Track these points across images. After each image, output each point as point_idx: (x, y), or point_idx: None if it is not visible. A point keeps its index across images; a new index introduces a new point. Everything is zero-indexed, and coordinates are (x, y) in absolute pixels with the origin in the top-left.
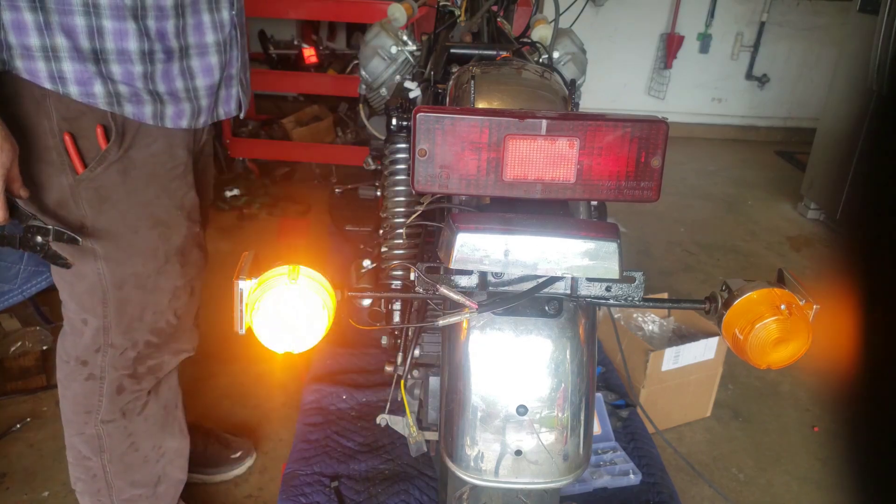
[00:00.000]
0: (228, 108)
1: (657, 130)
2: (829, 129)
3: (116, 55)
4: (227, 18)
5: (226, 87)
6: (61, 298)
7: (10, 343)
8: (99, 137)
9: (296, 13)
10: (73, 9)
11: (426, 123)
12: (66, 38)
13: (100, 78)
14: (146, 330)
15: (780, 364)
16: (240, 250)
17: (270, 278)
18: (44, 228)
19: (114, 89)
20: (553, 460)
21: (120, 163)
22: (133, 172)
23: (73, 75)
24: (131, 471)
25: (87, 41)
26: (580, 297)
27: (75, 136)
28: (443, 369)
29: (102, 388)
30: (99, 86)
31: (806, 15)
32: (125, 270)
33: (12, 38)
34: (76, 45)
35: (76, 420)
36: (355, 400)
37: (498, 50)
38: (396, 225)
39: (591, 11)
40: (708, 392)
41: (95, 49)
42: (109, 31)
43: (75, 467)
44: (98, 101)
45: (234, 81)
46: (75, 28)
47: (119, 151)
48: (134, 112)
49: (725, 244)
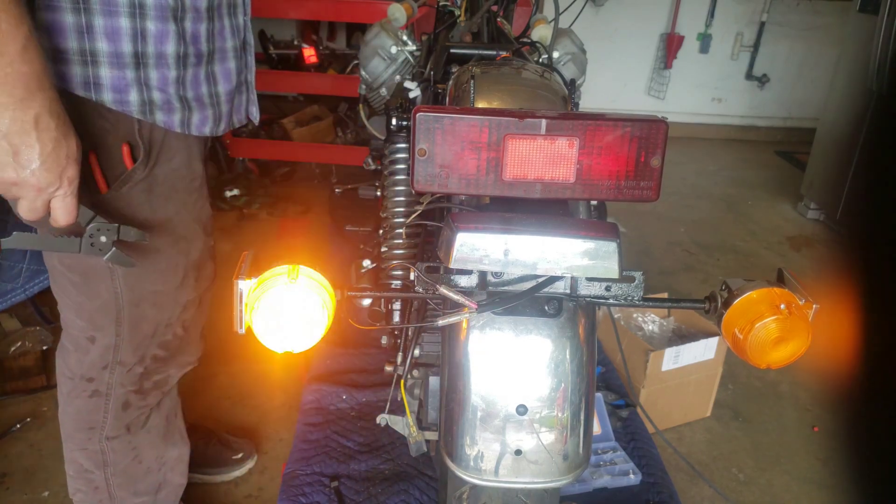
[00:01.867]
0: (240, 116)
1: (657, 130)
2: (829, 129)
3: (156, 59)
4: (241, 23)
5: (239, 94)
6: (61, 314)
7: (10, 343)
8: (125, 156)
9: (296, 13)
10: (119, 10)
11: (426, 123)
12: (108, 41)
13: (136, 85)
14: (155, 344)
15: (779, 364)
16: (240, 250)
17: (270, 278)
18: (109, 227)
19: (148, 97)
20: (553, 460)
21: (145, 182)
22: (156, 189)
23: (110, 81)
24: (134, 482)
25: (130, 44)
26: (580, 297)
27: (99, 154)
28: (442, 369)
29: (108, 405)
30: (134, 93)
31: (806, 15)
32: (145, 288)
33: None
34: (118, 49)
35: (78, 437)
36: (355, 400)
37: (498, 50)
38: (396, 225)
39: (591, 11)
40: (708, 392)
41: (137, 52)
42: (152, 33)
43: (76, 479)
44: (132, 108)
45: (245, 88)
46: (119, 30)
47: (145, 171)
48: (164, 120)
49: (725, 244)
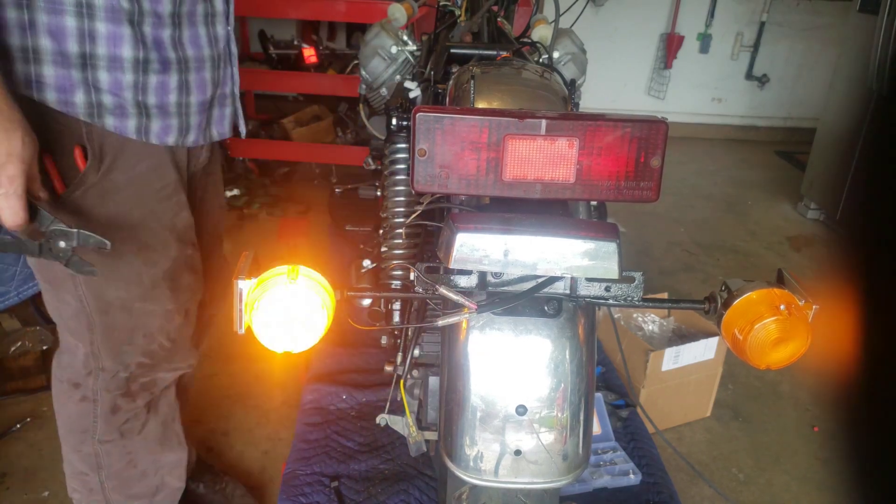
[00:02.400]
0: (222, 129)
1: (657, 130)
2: (829, 129)
3: (108, 61)
4: (221, 34)
5: (219, 107)
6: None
7: (10, 343)
8: (77, 159)
9: (296, 13)
10: (64, 8)
11: (426, 123)
12: (52, 39)
13: (83, 86)
14: (138, 353)
15: (779, 364)
16: (240, 250)
17: (270, 278)
18: (68, 232)
19: (97, 99)
20: (553, 460)
21: (99, 186)
22: (116, 197)
23: (54, 81)
24: (129, 485)
25: (77, 45)
26: (580, 297)
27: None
28: (442, 369)
29: (96, 410)
30: (81, 94)
31: (806, 15)
32: (108, 295)
33: None
34: (62, 48)
35: (72, 438)
36: (355, 400)
37: (498, 50)
38: (396, 225)
39: (591, 11)
40: (708, 392)
41: (85, 53)
42: (103, 35)
43: (72, 479)
44: (78, 110)
45: (229, 101)
46: (64, 29)
47: (97, 175)
48: (115, 125)
49: (725, 244)
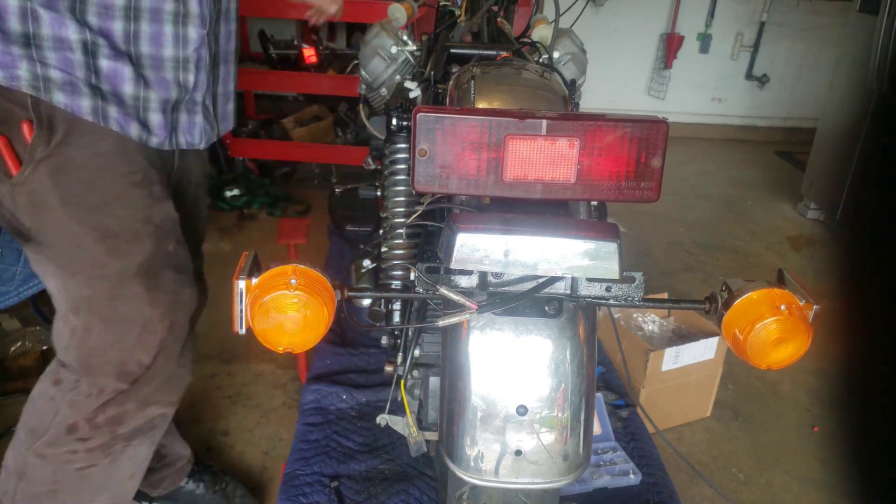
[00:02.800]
0: (191, 139)
1: (657, 130)
2: (829, 129)
3: (53, 41)
4: (193, 36)
5: (188, 113)
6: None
7: (10, 343)
8: (25, 134)
9: (296, 13)
10: None
11: (426, 123)
12: None
13: (27, 60)
14: (110, 370)
15: (779, 364)
16: (240, 250)
17: (270, 278)
18: None
19: (43, 73)
20: (553, 460)
21: (50, 161)
22: (72, 174)
23: None
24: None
25: (19, 24)
26: (580, 298)
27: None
28: (443, 369)
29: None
30: (25, 69)
31: (806, 15)
32: (76, 292)
33: None
34: (4, 26)
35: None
36: (355, 400)
37: (498, 50)
38: (396, 225)
39: (591, 11)
40: (708, 392)
41: (28, 33)
42: (45, 18)
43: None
44: (22, 84)
45: (199, 109)
46: (7, 8)
47: (48, 148)
48: (67, 102)
49: (725, 244)
